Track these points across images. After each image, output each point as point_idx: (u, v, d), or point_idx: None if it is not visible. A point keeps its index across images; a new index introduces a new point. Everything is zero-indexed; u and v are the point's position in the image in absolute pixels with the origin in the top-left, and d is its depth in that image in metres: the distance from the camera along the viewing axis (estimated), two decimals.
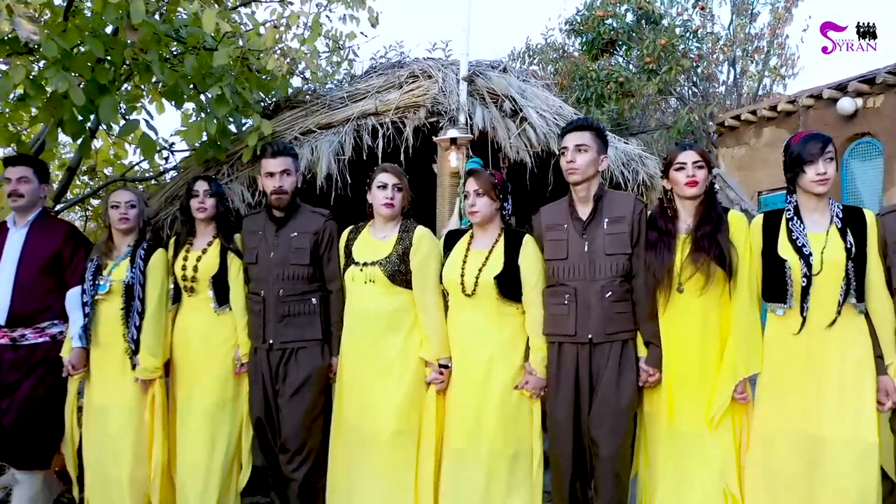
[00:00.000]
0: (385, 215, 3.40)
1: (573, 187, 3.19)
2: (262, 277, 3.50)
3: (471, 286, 3.19)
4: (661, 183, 3.22)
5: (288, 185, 3.53)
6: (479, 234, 3.35)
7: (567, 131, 3.19)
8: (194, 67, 4.55)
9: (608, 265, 3.09)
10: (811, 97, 8.02)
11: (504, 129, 5.11)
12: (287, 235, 3.53)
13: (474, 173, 3.30)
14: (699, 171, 2.99)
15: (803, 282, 2.82)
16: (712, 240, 2.92)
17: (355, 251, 3.44)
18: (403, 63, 5.51)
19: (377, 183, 3.41)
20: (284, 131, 5.12)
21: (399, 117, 5.09)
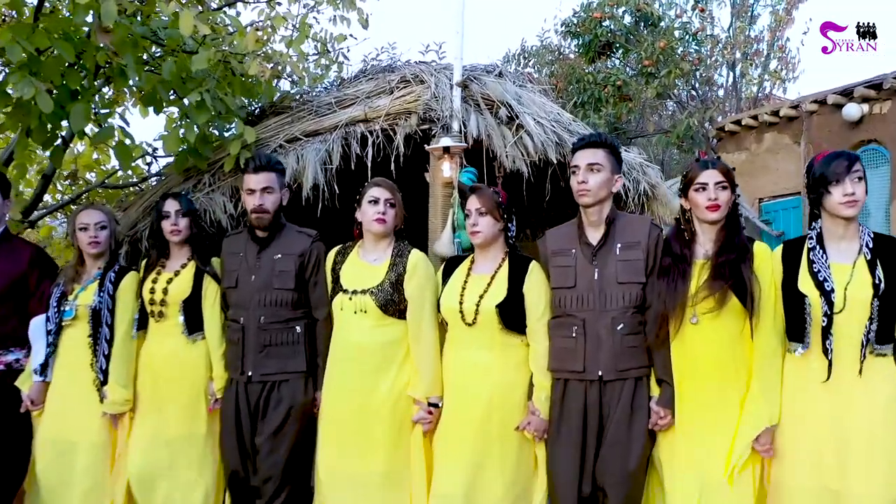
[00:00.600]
0: (376, 232, 3.17)
1: (583, 210, 2.97)
2: (242, 303, 3.27)
3: (471, 314, 2.97)
4: (679, 202, 2.97)
5: (269, 204, 3.29)
6: (480, 257, 3.14)
7: (578, 148, 2.97)
8: (172, 72, 4.32)
9: (620, 295, 2.86)
10: (815, 102, 7.84)
11: (499, 137, 4.90)
12: (270, 257, 3.30)
13: (477, 191, 3.09)
14: (722, 193, 2.75)
15: (823, 321, 2.58)
16: (734, 269, 2.68)
17: (343, 276, 3.21)
18: (394, 67, 5.30)
19: (368, 198, 3.18)
20: (269, 139, 4.90)
21: (389, 124, 4.87)
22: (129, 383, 3.25)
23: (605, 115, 10.01)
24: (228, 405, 3.25)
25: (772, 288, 2.73)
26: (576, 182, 2.90)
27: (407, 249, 3.20)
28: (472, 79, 5.03)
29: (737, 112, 10.94)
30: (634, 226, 2.96)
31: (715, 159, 2.85)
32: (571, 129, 5.23)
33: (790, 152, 8.55)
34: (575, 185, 2.91)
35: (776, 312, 2.72)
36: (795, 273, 2.69)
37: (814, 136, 7.97)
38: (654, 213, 5.60)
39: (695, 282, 2.76)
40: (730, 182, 2.78)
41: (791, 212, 8.62)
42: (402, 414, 3.10)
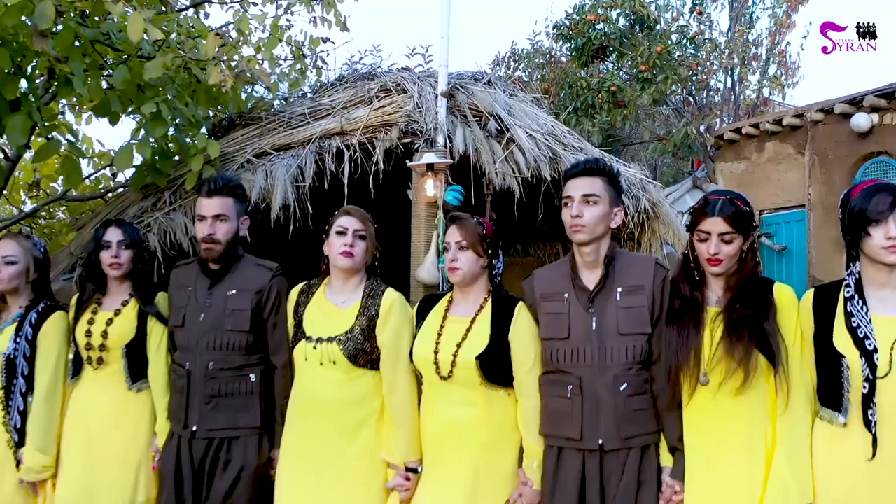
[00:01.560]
0: (342, 267, 2.77)
1: (578, 248, 2.57)
2: (189, 345, 2.87)
3: (447, 367, 2.57)
4: (688, 239, 2.58)
5: (222, 234, 2.88)
6: (459, 297, 2.73)
7: (572, 176, 2.57)
8: (126, 79, 3.94)
9: (622, 349, 2.48)
10: (821, 111, 7.51)
11: (488, 151, 4.55)
12: (223, 294, 2.90)
13: (457, 221, 2.69)
14: (726, 247, 2.37)
15: (864, 387, 2.19)
16: (753, 326, 2.32)
17: (307, 320, 2.81)
18: (374, 75, 4.92)
19: (336, 228, 2.78)
20: (235, 153, 4.53)
21: (368, 137, 4.51)
22: (48, 446, 2.84)
23: (599, 121, 9.66)
24: (168, 464, 2.83)
25: (797, 338, 2.38)
26: (569, 216, 2.50)
27: (380, 289, 2.80)
28: (459, 88, 4.67)
29: (734, 118, 10.63)
30: (637, 266, 2.57)
31: (727, 201, 2.41)
32: (566, 143, 4.88)
33: (793, 163, 8.22)
34: (568, 220, 2.51)
35: (804, 369, 2.37)
36: (829, 326, 2.30)
37: (819, 146, 7.64)
38: (655, 232, 5.27)
39: (707, 333, 2.40)
40: (741, 230, 2.39)
41: (794, 225, 8.29)
42: (375, 480, 2.71)
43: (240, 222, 2.97)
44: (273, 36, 4.95)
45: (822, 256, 7.61)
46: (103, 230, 2.97)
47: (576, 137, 4.97)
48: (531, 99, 5.33)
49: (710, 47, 9.76)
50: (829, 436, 2.31)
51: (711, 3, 10.59)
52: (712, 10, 10.34)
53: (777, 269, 8.60)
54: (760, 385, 2.35)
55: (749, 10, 10.70)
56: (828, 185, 7.51)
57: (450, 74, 4.73)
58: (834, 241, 7.42)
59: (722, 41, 10.20)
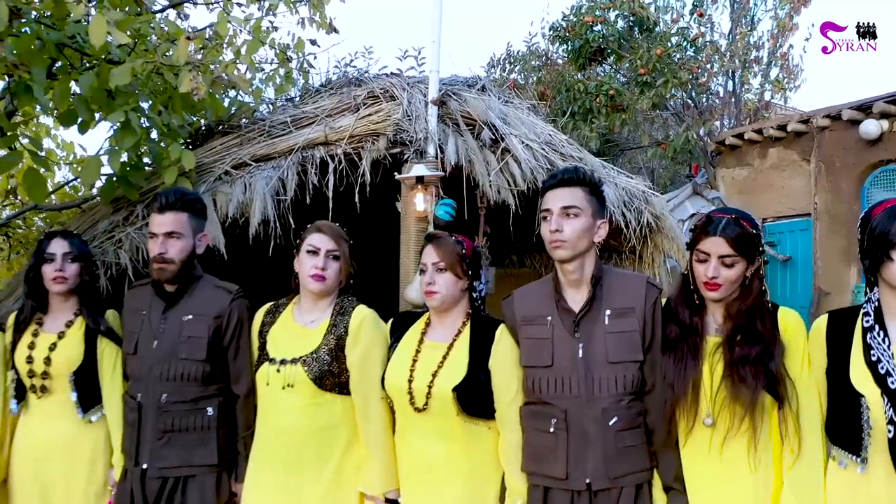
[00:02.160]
0: (313, 291, 2.57)
1: (560, 266, 2.36)
2: (141, 375, 2.65)
3: (422, 398, 2.36)
4: (687, 257, 2.38)
5: (175, 252, 2.65)
6: (437, 320, 2.53)
7: (549, 187, 2.37)
8: (93, 86, 3.68)
9: (612, 378, 2.27)
10: (827, 117, 7.30)
11: (482, 162, 4.30)
12: (178, 319, 2.68)
13: (434, 240, 2.50)
14: (727, 271, 2.18)
15: (889, 430, 1.96)
16: (758, 365, 2.13)
17: (272, 342, 2.60)
18: (361, 80, 4.66)
19: (307, 246, 2.59)
20: (212, 164, 4.26)
21: (354, 148, 4.24)
22: None
23: (597, 126, 9.41)
24: (123, 499, 2.62)
25: (804, 370, 2.19)
26: (547, 230, 2.31)
27: (351, 305, 2.60)
28: (451, 94, 4.42)
29: (735, 122, 10.41)
30: (626, 286, 2.37)
31: (731, 220, 2.22)
32: (564, 152, 4.64)
33: (797, 169, 8.01)
34: (547, 235, 2.31)
35: (814, 407, 2.17)
36: (846, 360, 2.09)
37: (825, 153, 7.43)
38: (658, 246, 5.03)
39: (708, 364, 2.22)
40: (744, 254, 2.19)
41: (799, 234, 8.08)
42: None
43: (197, 240, 2.75)
44: (255, 38, 4.70)
45: (828, 267, 7.40)
46: (47, 242, 2.77)
47: (574, 147, 4.72)
48: (527, 106, 5.07)
49: (712, 50, 9.52)
50: (847, 482, 2.09)
51: (712, 3, 10.36)
52: (713, 11, 10.10)
53: (781, 280, 8.38)
54: (765, 424, 2.17)
55: (750, 11, 10.47)
56: (835, 193, 7.31)
57: (441, 80, 4.48)
58: (841, 252, 7.22)
59: (723, 44, 9.95)
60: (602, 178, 4.61)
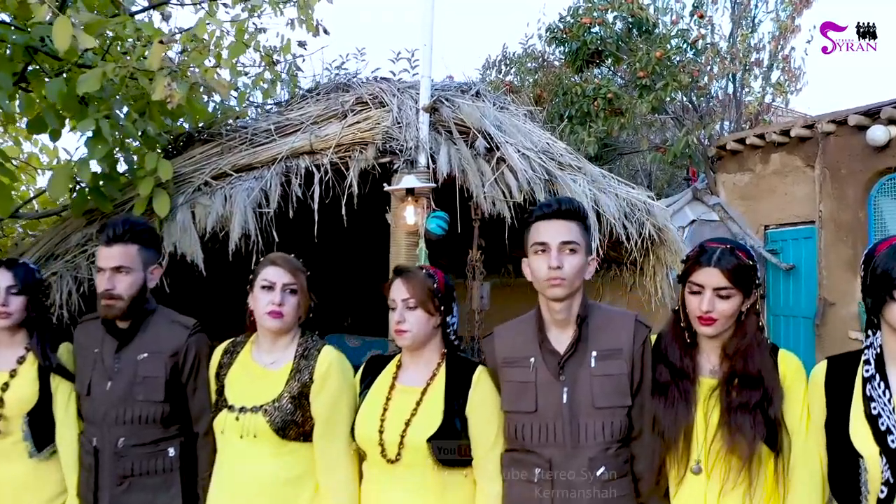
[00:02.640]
0: (270, 329, 2.38)
1: (548, 304, 2.20)
2: (96, 419, 2.46)
3: (394, 449, 2.18)
4: (678, 290, 2.24)
5: (123, 288, 2.46)
6: (409, 360, 2.34)
7: (543, 216, 2.18)
8: (62, 92, 3.47)
9: (598, 425, 2.13)
10: (833, 122, 7.11)
11: (476, 172, 4.10)
12: (132, 358, 2.49)
13: (402, 274, 2.30)
14: (722, 304, 2.03)
15: (882, 491, 1.81)
16: (758, 414, 1.99)
17: (230, 386, 2.40)
18: (349, 86, 4.45)
19: (261, 281, 2.39)
20: (191, 174, 4.06)
21: (341, 157, 4.04)
22: None
23: (594, 131, 9.22)
24: None
25: (804, 418, 2.04)
26: (544, 267, 2.12)
27: (316, 347, 2.40)
28: (443, 101, 4.22)
29: (736, 125, 10.23)
30: (614, 325, 2.23)
31: (727, 250, 2.06)
32: (563, 161, 4.44)
33: (801, 176, 7.83)
34: (543, 272, 2.13)
35: (812, 459, 2.02)
36: (845, 412, 1.93)
37: (830, 160, 7.24)
38: (660, 259, 4.83)
39: (701, 409, 2.07)
40: (741, 286, 2.04)
41: (802, 242, 7.89)
42: None
43: (148, 272, 2.56)
44: (238, 41, 4.50)
45: (833, 277, 7.22)
46: None
47: (573, 156, 4.53)
48: (523, 112, 4.88)
49: (712, 52, 9.33)
50: None
51: (712, 4, 10.18)
52: (713, 13, 9.92)
53: (784, 290, 8.20)
54: (762, 475, 2.02)
55: (750, 12, 10.30)
56: (840, 201, 7.12)
57: (433, 85, 4.28)
58: (847, 262, 7.04)
59: (723, 46, 9.77)
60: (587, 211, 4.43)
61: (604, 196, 4.26)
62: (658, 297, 4.93)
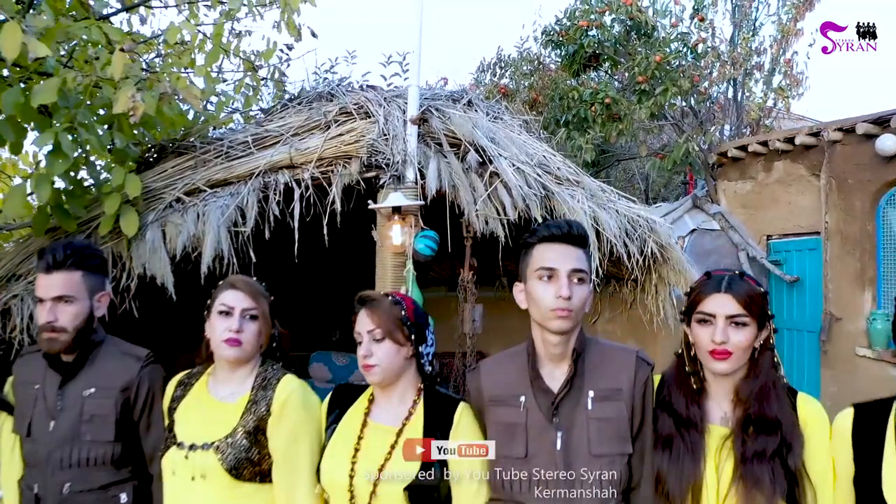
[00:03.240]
0: (227, 358, 2.17)
1: (545, 336, 1.97)
2: (37, 462, 2.25)
3: (365, 497, 1.95)
4: (682, 329, 2.04)
5: (67, 320, 2.26)
6: (381, 395, 2.12)
7: (551, 239, 1.96)
8: (17, 104, 3.22)
9: (596, 475, 1.91)
10: (840, 130, 6.87)
11: (468, 188, 3.86)
12: (78, 394, 2.28)
13: (366, 304, 2.08)
14: (737, 334, 1.86)
15: None
16: (777, 466, 1.80)
17: (181, 421, 2.18)
18: (333, 94, 4.21)
19: (218, 306, 2.18)
20: (162, 190, 3.81)
21: (323, 172, 3.79)
22: None
23: (592, 137, 8.98)
24: None
25: (828, 475, 1.85)
26: (550, 296, 1.91)
27: (275, 377, 2.19)
28: (433, 111, 3.98)
29: (736, 131, 10.01)
30: (613, 363, 2.01)
31: (736, 276, 1.91)
32: (560, 175, 4.20)
33: (805, 185, 7.59)
34: (549, 301, 1.91)
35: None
36: (877, 466, 1.75)
37: (837, 169, 7.00)
38: (662, 277, 4.59)
39: (712, 461, 1.87)
40: (754, 315, 1.86)
41: (807, 254, 7.66)
42: None
43: (95, 301, 2.33)
44: (215, 47, 4.25)
45: (840, 291, 6.98)
46: None
47: (572, 169, 4.29)
48: (519, 123, 4.64)
49: (713, 56, 9.10)
50: None
51: (712, 7, 9.96)
52: (713, 15, 9.68)
53: (787, 302, 7.97)
54: None
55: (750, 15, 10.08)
56: (847, 212, 6.88)
57: (422, 94, 4.05)
58: (854, 275, 6.81)
59: (724, 49, 9.54)
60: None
61: (604, 213, 4.02)
62: (660, 317, 4.70)
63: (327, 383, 6.28)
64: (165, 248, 3.62)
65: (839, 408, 1.90)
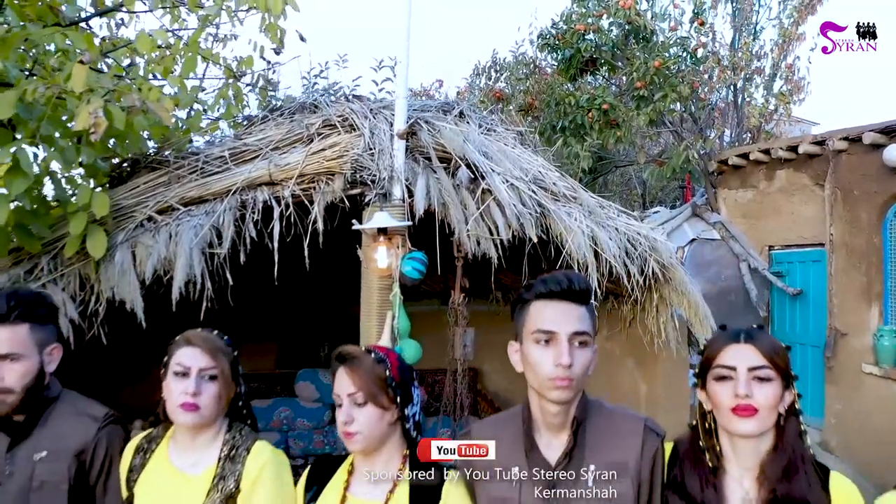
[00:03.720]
0: (185, 425, 1.98)
1: (543, 404, 1.78)
2: None
3: None
4: (698, 395, 1.84)
5: (13, 380, 2.04)
6: (363, 463, 1.92)
7: (550, 295, 1.75)
8: None
9: None
10: (845, 140, 6.70)
11: (458, 206, 3.65)
12: (28, 457, 2.06)
13: (346, 361, 1.87)
14: (762, 390, 1.66)
15: None
16: None
17: (140, 496, 1.99)
18: (316, 105, 4.00)
19: (174, 367, 2.00)
20: (132, 208, 3.59)
21: (304, 189, 3.58)
22: None
23: (589, 144, 8.79)
24: None
25: None
26: (548, 363, 1.71)
27: (244, 445, 2.01)
28: (422, 123, 3.76)
29: (736, 137, 9.82)
30: (618, 433, 1.81)
31: (756, 328, 1.74)
32: (556, 191, 3.99)
33: (809, 195, 7.41)
34: (547, 369, 1.71)
35: None
36: None
37: (842, 179, 6.83)
38: (664, 298, 4.39)
39: None
40: (779, 371, 1.67)
41: (810, 266, 7.48)
42: None
43: (45, 355, 2.12)
44: (192, 54, 4.04)
45: (845, 305, 6.80)
46: None
47: (569, 185, 4.08)
48: (513, 135, 4.42)
49: (714, 61, 8.91)
50: None
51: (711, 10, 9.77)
52: (713, 19, 9.49)
53: (790, 315, 7.79)
54: None
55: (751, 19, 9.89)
56: (853, 224, 6.70)
57: (411, 106, 3.84)
58: (860, 289, 6.62)
59: (724, 54, 9.34)
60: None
61: (603, 233, 3.82)
62: (661, 339, 4.49)
63: (315, 402, 6.07)
64: (135, 270, 3.40)
65: (844, 427, 1.71)
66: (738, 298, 8.03)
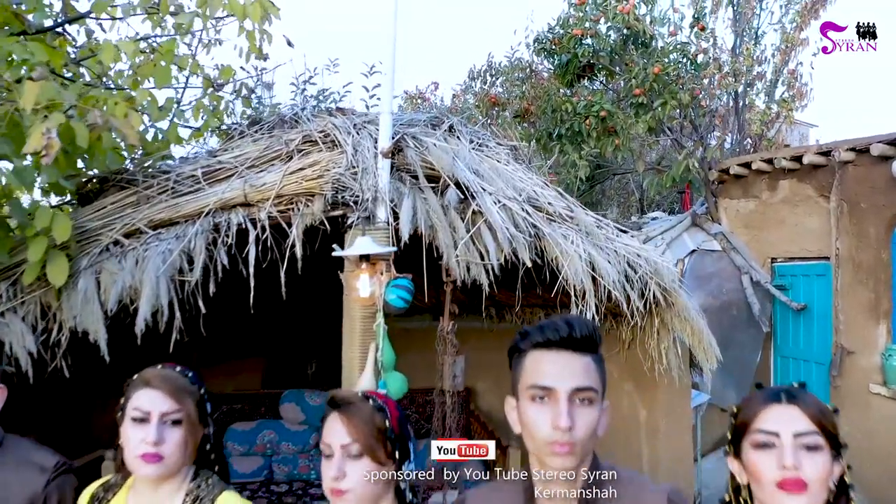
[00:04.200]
0: (147, 477, 1.76)
1: (543, 458, 1.52)
2: None
3: None
4: (729, 465, 1.60)
5: None
6: None
7: (548, 345, 1.51)
8: None
9: None
10: (852, 150, 6.49)
11: (447, 229, 3.44)
12: None
13: (340, 408, 1.64)
14: (811, 459, 1.42)
15: None
16: None
17: None
18: (296, 120, 3.78)
19: (132, 412, 1.77)
20: (98, 231, 3.37)
21: (282, 211, 3.36)
22: None
23: (587, 153, 8.58)
24: None
25: None
26: (546, 425, 1.46)
27: (209, 496, 1.80)
28: (408, 140, 3.55)
29: (738, 146, 9.63)
30: (633, 501, 1.54)
31: (798, 386, 1.52)
32: (552, 211, 3.77)
33: (813, 207, 7.21)
34: (544, 432, 1.46)
35: None
36: None
37: (849, 192, 6.62)
38: (666, 323, 4.18)
39: None
40: (829, 438, 1.44)
41: (815, 280, 7.28)
42: None
43: None
44: (165, 65, 3.82)
45: (851, 322, 6.59)
46: None
47: (565, 204, 3.86)
48: (507, 147, 4.21)
49: (715, 67, 8.71)
50: None
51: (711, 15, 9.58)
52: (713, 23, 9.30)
53: (794, 330, 7.58)
54: None
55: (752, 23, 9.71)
56: (860, 238, 6.49)
57: (398, 121, 3.63)
58: (867, 306, 6.41)
59: (725, 59, 9.15)
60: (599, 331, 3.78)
61: (601, 256, 3.60)
62: (663, 365, 4.28)
63: (300, 425, 5.84)
64: (99, 299, 3.18)
65: (851, 448, 1.50)
66: (741, 313, 7.82)
